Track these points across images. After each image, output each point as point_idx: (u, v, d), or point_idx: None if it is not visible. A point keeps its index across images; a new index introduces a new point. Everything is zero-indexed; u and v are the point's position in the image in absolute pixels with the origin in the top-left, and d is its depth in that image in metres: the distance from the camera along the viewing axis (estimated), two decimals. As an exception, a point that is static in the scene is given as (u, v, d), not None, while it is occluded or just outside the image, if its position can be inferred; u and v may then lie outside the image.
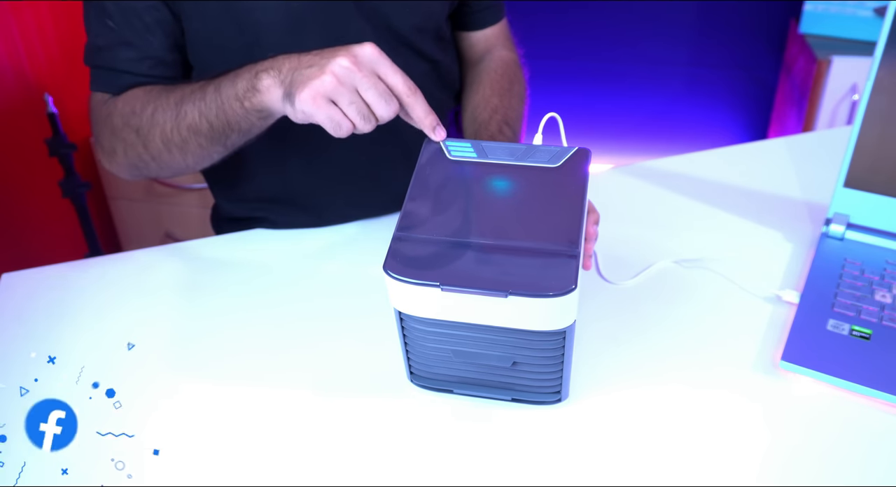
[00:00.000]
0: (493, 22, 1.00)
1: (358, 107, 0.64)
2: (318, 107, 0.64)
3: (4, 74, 1.52)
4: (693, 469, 0.59)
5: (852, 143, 0.81)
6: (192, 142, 0.77)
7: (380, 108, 0.65)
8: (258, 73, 0.69)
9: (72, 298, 0.81)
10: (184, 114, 0.75)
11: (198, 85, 0.76)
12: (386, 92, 0.65)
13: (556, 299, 0.54)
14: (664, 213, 0.93)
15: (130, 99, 0.80)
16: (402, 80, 0.66)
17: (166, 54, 0.83)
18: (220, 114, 0.73)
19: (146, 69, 0.82)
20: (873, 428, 0.63)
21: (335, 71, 0.64)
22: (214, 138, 0.75)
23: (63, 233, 1.74)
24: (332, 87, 0.64)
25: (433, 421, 0.64)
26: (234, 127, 0.73)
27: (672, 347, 0.71)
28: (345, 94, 0.64)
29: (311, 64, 0.66)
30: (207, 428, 0.64)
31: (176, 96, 0.77)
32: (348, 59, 0.64)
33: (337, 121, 0.65)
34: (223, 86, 0.72)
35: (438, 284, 0.55)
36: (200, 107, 0.74)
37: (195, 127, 0.75)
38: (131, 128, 0.79)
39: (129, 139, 0.80)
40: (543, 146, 0.66)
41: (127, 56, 0.82)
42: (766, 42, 2.22)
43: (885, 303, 0.73)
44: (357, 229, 0.92)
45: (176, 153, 0.78)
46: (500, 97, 0.93)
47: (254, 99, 0.69)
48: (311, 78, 0.64)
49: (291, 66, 0.67)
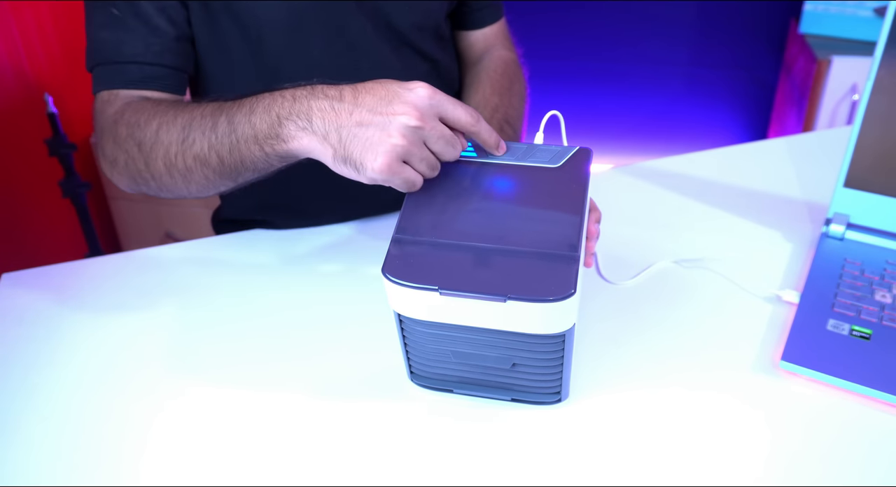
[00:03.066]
0: (492, 21, 1.00)
1: (429, 162, 0.62)
2: (394, 174, 0.60)
3: (4, 74, 1.52)
4: (693, 469, 0.59)
5: (852, 143, 0.81)
6: (198, 172, 0.71)
7: (448, 155, 0.63)
8: (281, 120, 0.63)
9: (72, 298, 0.81)
10: (191, 142, 0.69)
11: (208, 109, 0.69)
12: (451, 137, 0.62)
13: (556, 304, 0.54)
14: (664, 213, 0.93)
15: (138, 109, 0.75)
16: (464, 112, 0.62)
17: (172, 41, 0.80)
18: (233, 152, 0.67)
19: (152, 56, 0.78)
20: (873, 428, 0.63)
21: (404, 134, 0.59)
22: (224, 173, 0.69)
23: (63, 233, 1.74)
24: (405, 152, 0.60)
25: (433, 421, 0.64)
26: (248, 166, 0.67)
27: (672, 347, 0.71)
28: (416, 154, 0.60)
29: (364, 122, 0.60)
30: (208, 428, 0.64)
31: (184, 118, 0.70)
32: (413, 116, 0.59)
33: (412, 181, 0.61)
34: (237, 121, 0.66)
35: (437, 288, 0.55)
36: (211, 140, 0.68)
37: (203, 158, 0.69)
38: (135, 140, 0.74)
39: (132, 152, 0.74)
40: (544, 146, 0.66)
41: (133, 42, 0.78)
42: (766, 42, 2.22)
43: (885, 303, 0.73)
44: (356, 229, 0.92)
45: (178, 179, 0.73)
46: (500, 96, 0.93)
47: (277, 146, 0.64)
48: (376, 143, 0.59)
49: (329, 119, 0.61)
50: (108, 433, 0.64)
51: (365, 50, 0.85)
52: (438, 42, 0.93)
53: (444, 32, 0.94)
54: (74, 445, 0.63)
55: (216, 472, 0.60)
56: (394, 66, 0.88)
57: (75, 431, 0.64)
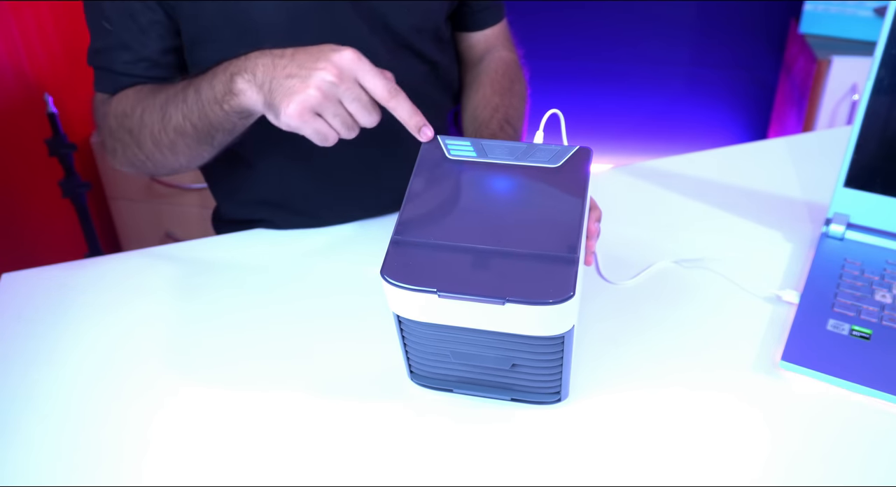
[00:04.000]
0: (493, 23, 1.00)
1: (342, 118, 0.67)
2: (305, 122, 0.66)
3: (4, 74, 1.52)
4: (692, 469, 0.59)
5: (852, 143, 0.81)
6: (180, 143, 0.78)
7: (362, 118, 0.67)
8: (232, 76, 0.70)
9: (72, 298, 0.81)
10: (169, 117, 0.77)
11: (180, 86, 0.76)
12: (368, 103, 0.67)
13: (555, 306, 0.54)
14: (664, 213, 0.93)
15: (122, 100, 0.82)
16: (381, 84, 0.66)
17: (161, 56, 0.84)
18: (202, 117, 0.74)
19: (142, 71, 0.84)
20: (873, 428, 0.63)
21: (319, 86, 0.65)
22: (200, 139, 0.77)
23: (63, 233, 1.74)
24: (317, 102, 0.65)
25: (433, 421, 0.64)
26: (217, 127, 0.74)
27: (672, 347, 0.71)
28: (329, 108, 0.66)
29: (291, 74, 0.66)
30: (208, 427, 0.64)
31: (161, 98, 0.78)
32: (330, 72, 0.65)
33: (323, 133, 0.67)
34: (202, 88, 0.73)
35: (435, 291, 0.55)
36: (183, 110, 0.75)
37: (180, 129, 0.76)
38: (125, 129, 0.81)
39: (125, 140, 0.82)
40: (544, 145, 0.65)
41: (123, 58, 0.83)
42: (766, 42, 2.22)
43: (885, 303, 0.73)
44: (356, 229, 0.92)
45: (167, 153, 0.80)
46: (500, 96, 0.93)
47: (232, 102, 0.70)
48: (294, 92, 0.65)
49: (267, 72, 0.67)
50: (108, 432, 0.64)
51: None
52: (437, 44, 0.93)
53: (443, 34, 0.94)
54: (74, 444, 0.63)
55: (216, 471, 0.60)
56: (391, 68, 0.88)
57: (75, 431, 0.64)
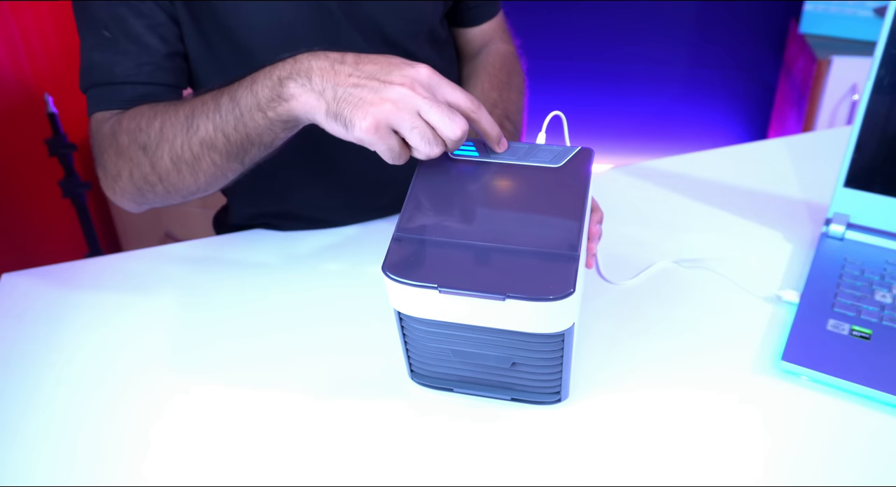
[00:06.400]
0: (489, 17, 1.00)
1: (421, 131, 0.59)
2: (381, 138, 0.60)
3: (4, 74, 1.52)
4: (693, 469, 0.59)
5: (852, 143, 0.81)
6: (206, 159, 0.71)
7: (445, 128, 0.60)
8: (282, 80, 0.63)
9: (72, 298, 0.81)
10: (195, 128, 0.70)
11: (209, 95, 0.70)
12: (449, 110, 0.60)
13: (555, 303, 0.54)
14: (664, 213, 0.93)
15: (136, 115, 0.75)
16: (463, 96, 0.62)
17: (164, 59, 0.79)
18: (238, 127, 0.67)
19: (145, 76, 0.78)
20: (874, 428, 0.63)
21: (396, 99, 0.59)
22: (231, 153, 0.70)
23: (63, 233, 1.74)
24: (393, 115, 0.59)
25: (433, 420, 0.64)
26: (254, 140, 0.68)
27: (672, 347, 0.71)
28: (406, 119, 0.59)
29: (359, 84, 0.61)
30: (208, 427, 0.64)
31: (186, 109, 0.71)
32: (405, 87, 0.60)
33: (397, 151, 0.61)
34: (239, 95, 0.66)
35: (436, 286, 0.55)
36: (215, 120, 0.68)
37: (209, 141, 0.69)
38: (138, 145, 0.74)
39: (136, 158, 0.74)
40: (546, 145, 0.66)
41: (125, 64, 0.78)
42: (766, 42, 2.22)
43: (885, 303, 0.73)
44: (358, 230, 0.92)
45: (186, 172, 0.73)
46: (499, 91, 0.93)
47: (279, 108, 0.64)
48: (367, 103, 0.59)
49: (327, 78, 0.62)
50: (108, 432, 0.64)
51: None
52: (433, 45, 0.93)
53: (439, 35, 0.93)
54: (74, 445, 0.63)
55: (216, 471, 0.60)
56: None
57: (75, 431, 0.64)
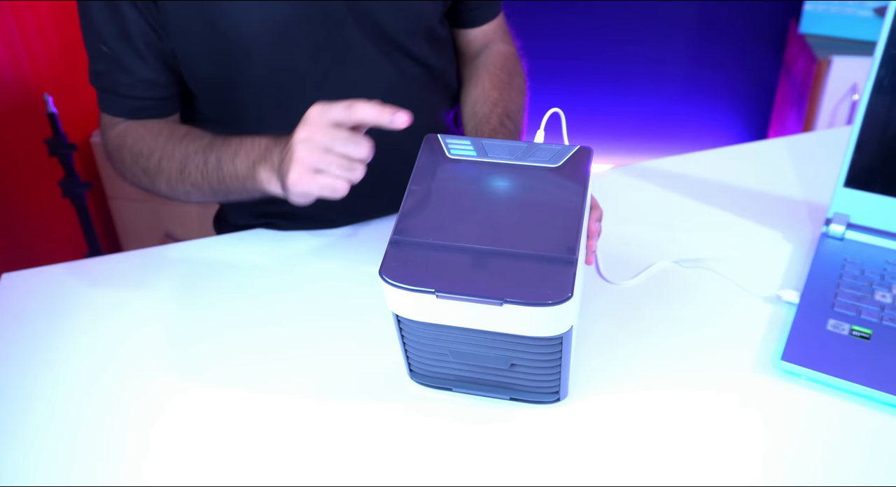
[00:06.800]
0: (490, 18, 1.00)
1: (338, 162, 0.68)
2: (308, 182, 0.69)
3: (4, 74, 1.52)
4: (692, 469, 0.59)
5: (852, 143, 0.81)
6: (195, 194, 0.83)
7: (353, 151, 0.67)
8: (255, 164, 0.75)
9: (72, 298, 0.81)
10: (187, 174, 0.81)
11: (200, 145, 0.80)
12: (348, 137, 0.67)
13: (553, 308, 0.54)
14: (664, 213, 0.93)
15: (139, 141, 0.85)
16: (339, 108, 0.67)
17: (159, 76, 0.85)
18: (220, 183, 0.79)
19: (141, 92, 0.85)
20: (873, 428, 0.63)
21: (300, 148, 0.68)
22: (217, 196, 0.83)
23: (63, 233, 1.74)
24: (309, 163, 0.68)
25: (432, 420, 0.64)
26: (234, 195, 0.81)
27: (672, 346, 0.71)
28: (322, 160, 0.68)
29: (283, 152, 0.71)
30: (208, 427, 0.64)
31: (180, 153, 0.82)
32: (302, 131, 0.68)
33: (329, 185, 0.69)
34: (223, 161, 0.78)
35: (434, 291, 0.55)
36: (203, 172, 0.80)
37: (198, 186, 0.81)
38: (139, 167, 0.85)
39: (138, 176, 0.86)
40: (544, 145, 0.65)
41: (123, 80, 0.84)
42: (766, 42, 2.22)
43: (885, 303, 0.73)
44: (356, 230, 0.92)
45: (180, 196, 0.85)
46: (499, 90, 0.93)
47: (255, 186, 0.76)
48: (288, 162, 0.69)
49: (280, 158, 0.72)
50: (108, 432, 0.64)
51: (355, 57, 0.85)
52: (432, 45, 0.92)
53: (438, 35, 0.93)
54: (74, 445, 0.63)
55: (216, 471, 0.60)
56: (384, 72, 0.87)
57: (75, 431, 0.64)
